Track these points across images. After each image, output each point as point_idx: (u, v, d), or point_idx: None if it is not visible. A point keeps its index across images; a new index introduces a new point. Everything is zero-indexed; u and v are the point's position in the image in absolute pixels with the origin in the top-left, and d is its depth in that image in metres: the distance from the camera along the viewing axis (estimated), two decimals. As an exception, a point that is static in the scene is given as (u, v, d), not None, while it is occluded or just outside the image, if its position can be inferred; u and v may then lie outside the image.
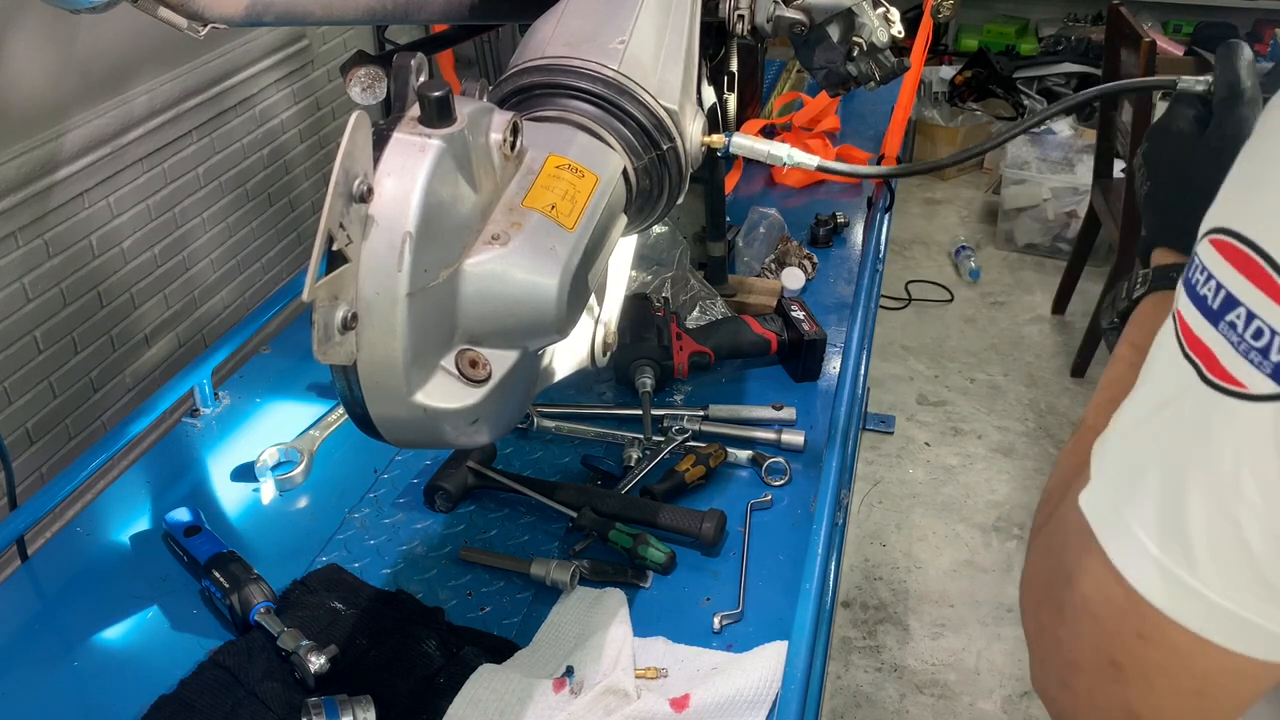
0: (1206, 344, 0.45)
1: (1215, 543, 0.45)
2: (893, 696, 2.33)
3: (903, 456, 3.04)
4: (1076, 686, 0.54)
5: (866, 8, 1.17)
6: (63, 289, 2.00)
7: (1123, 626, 0.49)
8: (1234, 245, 0.44)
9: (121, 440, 1.29)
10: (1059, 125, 4.02)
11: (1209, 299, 0.45)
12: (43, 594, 1.17)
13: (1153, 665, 0.49)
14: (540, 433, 1.38)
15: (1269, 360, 0.42)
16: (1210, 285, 0.45)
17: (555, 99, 0.90)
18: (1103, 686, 0.52)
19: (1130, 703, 0.51)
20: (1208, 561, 0.46)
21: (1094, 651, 0.52)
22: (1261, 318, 0.42)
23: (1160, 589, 0.47)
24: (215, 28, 1.10)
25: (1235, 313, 0.43)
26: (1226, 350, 0.44)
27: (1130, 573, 0.48)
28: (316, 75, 2.78)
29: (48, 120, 1.92)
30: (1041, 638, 0.57)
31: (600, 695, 0.98)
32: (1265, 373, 0.42)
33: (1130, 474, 0.49)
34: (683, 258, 1.59)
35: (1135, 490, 0.48)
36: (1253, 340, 0.43)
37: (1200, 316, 0.45)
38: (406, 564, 1.19)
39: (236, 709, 0.99)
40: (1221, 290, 0.44)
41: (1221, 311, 0.44)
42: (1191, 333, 0.46)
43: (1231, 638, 0.47)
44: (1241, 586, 0.45)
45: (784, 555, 1.17)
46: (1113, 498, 0.49)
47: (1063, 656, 0.54)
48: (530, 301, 0.72)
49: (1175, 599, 0.47)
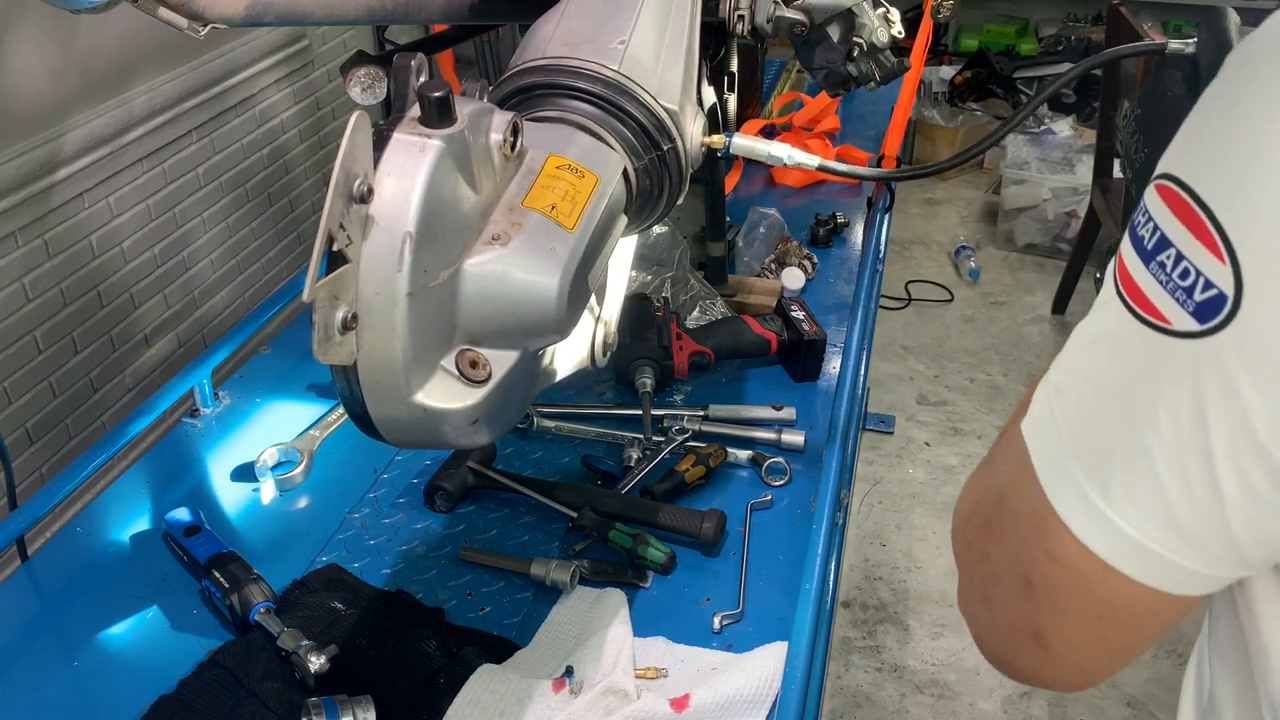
0: (1138, 282, 0.47)
1: (1128, 472, 0.47)
2: (893, 696, 2.33)
3: (903, 456, 3.04)
4: (995, 602, 0.56)
5: (866, 8, 1.17)
6: (63, 289, 2.00)
7: (1037, 545, 0.52)
8: (1173, 189, 0.45)
9: (121, 440, 1.29)
10: (1059, 125, 4.02)
11: (1145, 239, 0.47)
12: (43, 594, 1.17)
13: (1059, 586, 0.51)
14: (540, 433, 1.38)
15: (1193, 299, 0.44)
16: (1148, 227, 0.47)
17: (555, 99, 0.90)
18: (1016, 603, 0.54)
19: (1038, 622, 0.54)
20: (1120, 490, 0.48)
21: (1012, 567, 0.54)
22: (1189, 259, 0.44)
23: (1076, 512, 0.49)
24: (215, 28, 1.10)
25: (1166, 253, 0.45)
26: (1155, 288, 0.46)
27: (1050, 490, 0.50)
28: (316, 75, 2.78)
29: (48, 120, 1.92)
30: (968, 553, 0.59)
31: (600, 695, 0.98)
32: (1188, 311, 0.44)
33: (1063, 402, 0.51)
34: (683, 258, 1.59)
35: (1066, 416, 0.50)
36: (1179, 280, 0.45)
37: (1135, 256, 0.47)
38: (406, 564, 1.19)
39: (236, 709, 0.99)
40: (1157, 232, 0.46)
41: (1154, 251, 0.46)
42: (1126, 270, 0.48)
43: (1136, 568, 0.48)
44: (1148, 518, 0.47)
45: (784, 555, 1.17)
46: (1046, 421, 0.51)
47: (987, 570, 0.57)
48: (530, 302, 0.72)
49: (1088, 523, 0.49)
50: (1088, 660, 0.55)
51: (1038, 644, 0.54)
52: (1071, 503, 0.50)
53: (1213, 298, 0.43)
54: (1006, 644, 0.57)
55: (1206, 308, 0.43)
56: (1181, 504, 0.46)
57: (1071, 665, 0.55)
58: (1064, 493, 0.50)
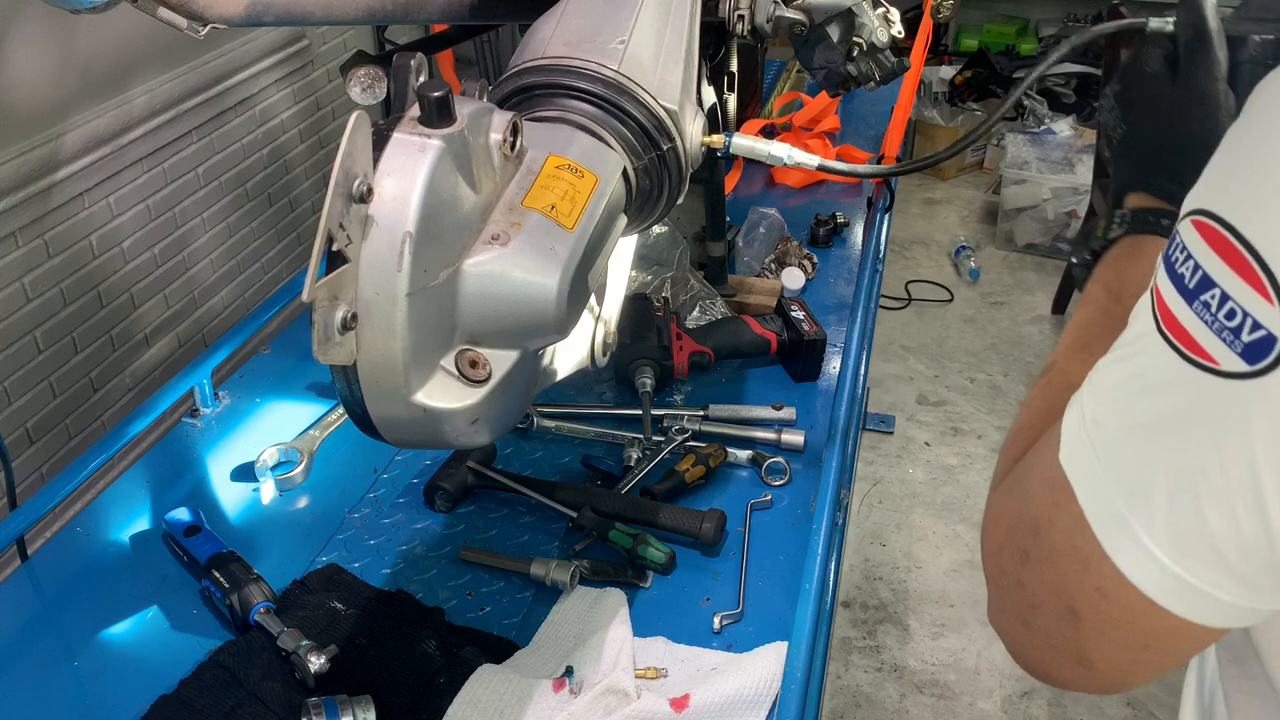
0: (1181, 321, 0.46)
1: (1174, 511, 0.47)
2: (893, 696, 2.33)
3: (903, 456, 3.04)
4: (1035, 626, 0.57)
5: (866, 8, 1.16)
6: (63, 289, 2.00)
7: (1085, 580, 0.52)
8: (1214, 228, 0.45)
9: (121, 440, 1.30)
10: (1059, 125, 4.02)
11: (1186, 278, 0.46)
12: (43, 594, 1.17)
13: (1107, 618, 0.52)
14: (540, 433, 1.38)
15: (1240, 340, 0.43)
16: (1188, 265, 0.46)
17: (555, 99, 0.90)
18: (1060, 630, 0.55)
19: (1083, 648, 0.54)
20: (1166, 528, 0.47)
21: (1055, 598, 0.54)
22: (1235, 300, 0.44)
23: (1124, 550, 0.49)
24: (215, 28, 1.10)
25: (1210, 293, 0.45)
26: (1200, 328, 0.45)
27: (1100, 532, 0.50)
28: (316, 75, 2.78)
29: (48, 120, 1.92)
30: (1003, 579, 0.59)
31: (600, 695, 0.98)
32: (1236, 352, 0.43)
33: (1104, 437, 0.50)
34: (683, 258, 1.59)
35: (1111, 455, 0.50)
36: (1225, 320, 0.44)
37: (1176, 294, 0.47)
38: (406, 564, 1.19)
39: (236, 709, 0.99)
40: (1199, 271, 0.45)
41: (1197, 291, 0.45)
42: (1167, 309, 0.47)
43: (1182, 605, 0.49)
44: (1193, 555, 0.47)
45: (784, 555, 1.17)
46: (1090, 458, 0.51)
47: (1024, 599, 0.57)
48: (530, 301, 0.72)
49: (1133, 562, 0.49)
50: (1128, 677, 0.56)
51: (1083, 665, 0.55)
52: (1120, 541, 0.49)
53: (1261, 339, 0.43)
54: (1047, 661, 0.58)
55: (1255, 349, 0.43)
56: (1229, 543, 0.46)
57: (1113, 681, 0.56)
58: (1113, 531, 0.50)
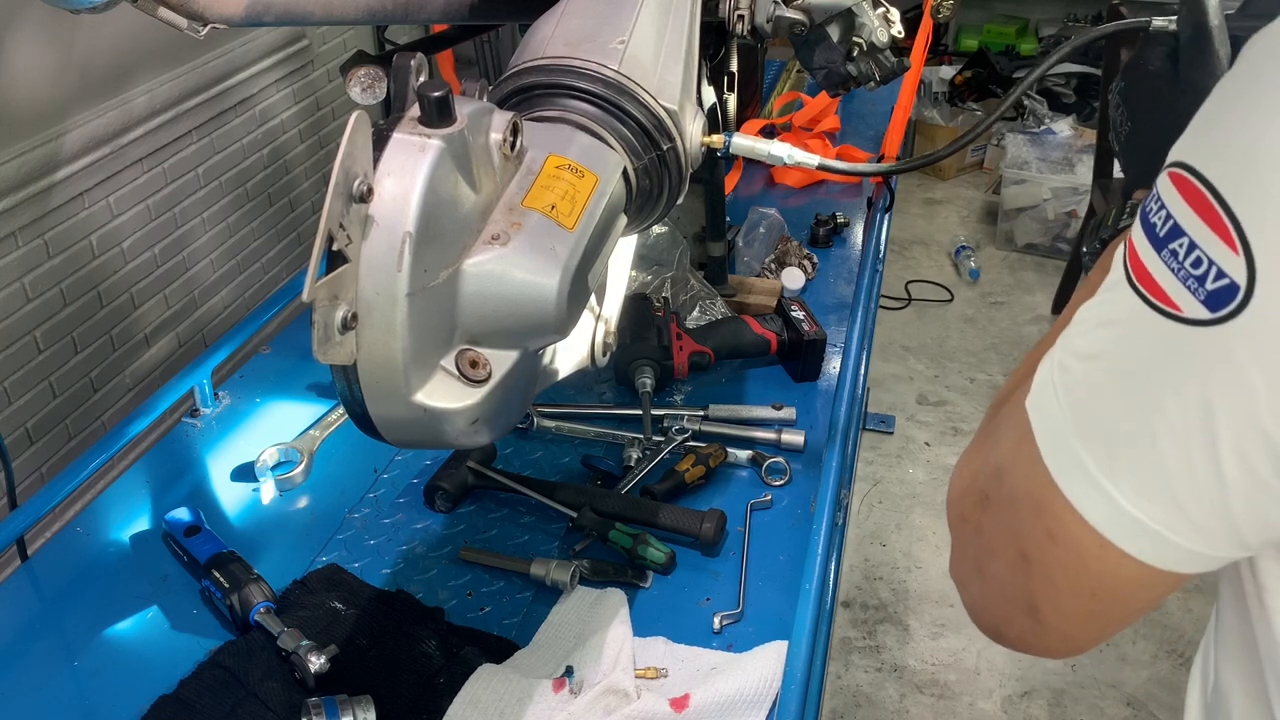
0: (1149, 268, 0.47)
1: (1133, 453, 0.48)
2: (893, 696, 2.33)
3: (903, 456, 3.04)
4: (989, 574, 0.58)
5: (866, 8, 1.16)
6: (63, 289, 2.00)
7: (1037, 522, 0.53)
8: (1187, 178, 0.46)
9: (121, 440, 1.30)
10: (1059, 125, 4.02)
11: (1157, 227, 0.47)
12: (43, 594, 1.17)
13: (1056, 562, 0.53)
14: (540, 433, 1.38)
15: (1204, 288, 0.44)
16: (1161, 214, 0.47)
17: (555, 99, 0.90)
18: (1012, 577, 0.56)
19: (1033, 596, 0.55)
20: (1125, 470, 0.48)
21: (1009, 542, 0.55)
22: (1202, 247, 0.44)
23: (1079, 489, 0.50)
24: (215, 28, 1.10)
25: (1179, 241, 0.46)
26: (1167, 275, 0.46)
27: (1055, 469, 0.51)
28: (316, 75, 2.78)
29: (48, 120, 1.92)
30: (963, 526, 0.61)
31: (600, 695, 0.98)
32: (1199, 299, 0.44)
33: (1069, 381, 0.51)
34: (683, 258, 1.59)
35: (1073, 397, 0.51)
36: (1191, 268, 0.45)
37: (1147, 242, 0.48)
38: (406, 564, 1.19)
39: (236, 709, 0.99)
40: (1170, 219, 0.46)
41: (1167, 239, 0.46)
42: (1138, 256, 0.48)
43: (1136, 545, 0.49)
44: (1151, 498, 0.48)
45: (784, 555, 1.17)
46: (1051, 400, 0.52)
47: (981, 544, 0.58)
48: (530, 301, 0.72)
49: (1091, 500, 0.50)
50: (1077, 632, 0.56)
51: (1031, 616, 0.56)
52: (1075, 480, 0.50)
53: (1224, 287, 0.43)
54: (999, 614, 0.59)
55: (1218, 297, 0.44)
56: (1184, 486, 0.47)
57: (1061, 636, 0.57)
58: (1068, 470, 0.51)
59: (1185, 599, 2.51)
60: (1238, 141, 0.44)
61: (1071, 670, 2.37)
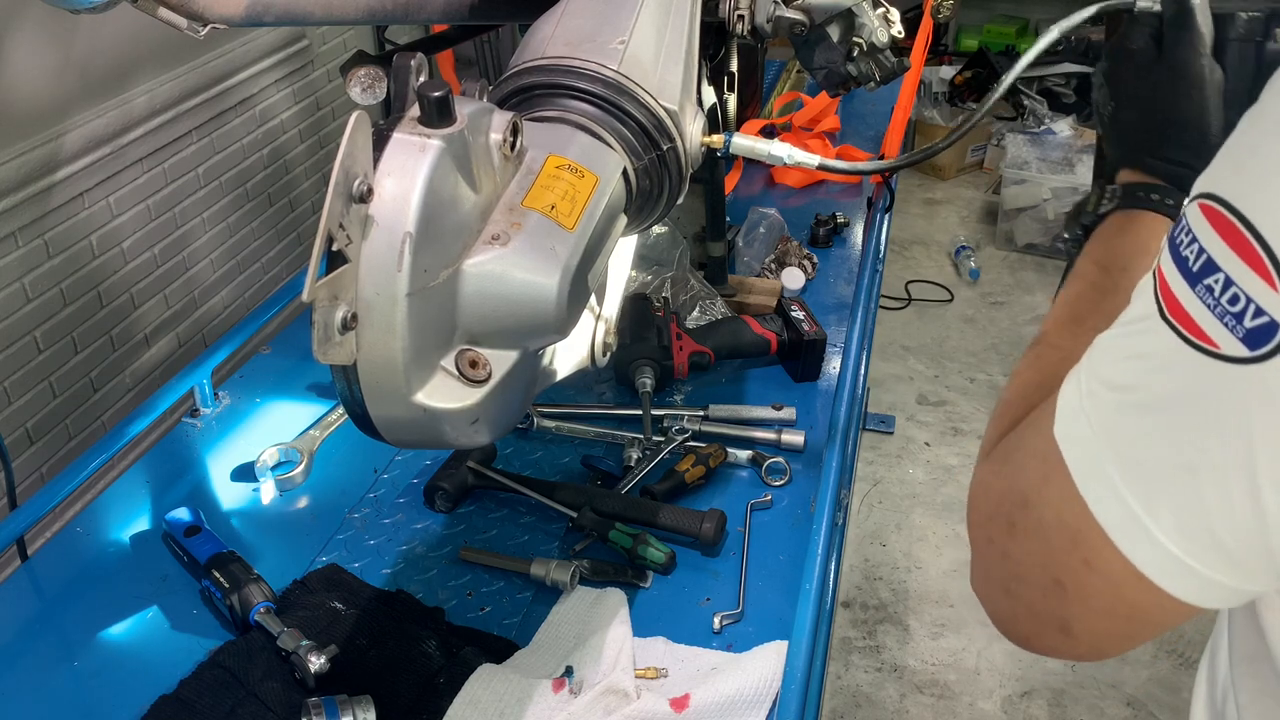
0: (1183, 304, 0.46)
1: (1172, 490, 0.47)
2: (893, 696, 2.33)
3: (903, 456, 3.04)
4: (1019, 596, 0.58)
5: (866, 8, 1.16)
6: (63, 289, 2.00)
7: (1073, 553, 0.53)
8: (1220, 212, 0.45)
9: (121, 440, 1.30)
10: (1059, 125, 4.02)
11: (1190, 261, 0.46)
12: (43, 594, 1.17)
13: (1093, 590, 0.53)
14: (540, 433, 1.38)
15: (1242, 325, 0.44)
16: (1193, 248, 0.46)
17: (555, 99, 0.90)
18: (1044, 601, 0.56)
19: (1066, 618, 0.55)
20: (1163, 506, 0.48)
21: (1041, 569, 0.55)
22: (1239, 285, 0.44)
23: (1117, 524, 0.50)
24: (215, 28, 1.10)
25: (1214, 277, 0.45)
26: (1202, 312, 0.45)
27: (1095, 505, 0.51)
28: (316, 75, 2.78)
29: (48, 120, 1.92)
30: (989, 549, 0.60)
31: (600, 695, 0.98)
32: (1238, 337, 0.44)
33: (1103, 416, 0.51)
34: (683, 258, 1.59)
35: (1108, 432, 0.50)
36: (1229, 305, 0.44)
37: (1180, 277, 0.47)
38: (406, 564, 1.19)
39: (236, 709, 0.99)
40: (1204, 254, 0.45)
41: (1201, 274, 0.45)
42: (1170, 291, 0.47)
43: (1171, 580, 0.49)
44: (1190, 535, 0.47)
45: (784, 555, 1.17)
46: (1084, 430, 0.52)
47: (1009, 569, 0.58)
48: (530, 301, 0.72)
49: (1127, 536, 0.50)
50: (1108, 646, 0.57)
51: (1064, 634, 0.56)
52: (1113, 514, 0.50)
53: (1263, 325, 0.43)
54: (1029, 629, 0.59)
55: (1257, 335, 0.43)
56: (1223, 524, 0.46)
57: (1093, 649, 0.57)
58: (1106, 504, 0.50)
59: (1185, 599, 2.51)
60: (1271, 174, 0.43)
61: (1071, 670, 2.37)
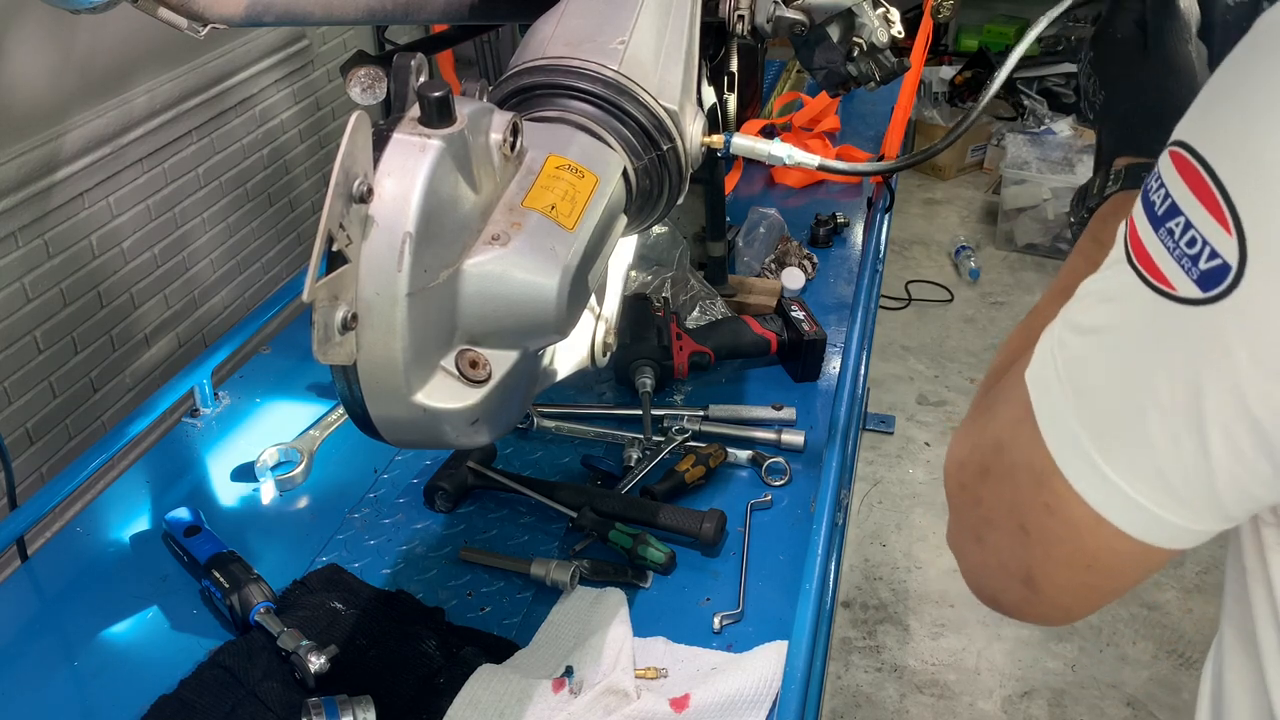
0: (1146, 246, 0.48)
1: (1126, 431, 0.49)
2: (893, 696, 2.33)
3: (903, 456, 3.04)
4: (988, 543, 0.59)
5: (866, 8, 1.16)
6: (63, 289, 2.00)
7: (1036, 496, 0.54)
8: (1186, 158, 0.46)
9: (121, 440, 1.30)
10: (1059, 125, 4.02)
11: (1156, 205, 0.48)
12: (43, 594, 1.17)
13: (1053, 536, 0.54)
14: (540, 433, 1.38)
15: (1197, 267, 0.45)
16: (1160, 193, 0.47)
17: (555, 99, 0.90)
18: (1010, 548, 0.57)
19: (1030, 567, 0.56)
20: (1118, 448, 0.49)
21: (1008, 514, 0.57)
22: (1197, 228, 0.45)
23: (1076, 467, 0.51)
24: (215, 28, 1.10)
25: (1175, 220, 0.46)
26: (1162, 254, 0.47)
27: (1053, 446, 0.52)
28: (316, 75, 2.78)
29: (48, 120, 1.92)
30: (962, 495, 0.62)
31: (600, 695, 0.98)
32: (1192, 278, 0.45)
33: (1068, 357, 0.52)
34: (683, 258, 1.59)
35: (1070, 373, 0.52)
36: (1186, 247, 0.45)
37: (1146, 220, 0.48)
38: (406, 564, 1.19)
39: (236, 709, 0.99)
40: (1169, 199, 0.47)
41: (1164, 218, 0.47)
42: (1137, 234, 0.48)
43: (1128, 522, 0.50)
44: (1142, 476, 0.49)
45: (784, 555, 1.17)
46: (1051, 377, 0.53)
47: (980, 514, 0.60)
48: (530, 301, 0.72)
49: (1086, 478, 0.51)
50: (1071, 602, 0.58)
51: (1028, 586, 0.57)
52: (1072, 456, 0.51)
53: (1217, 267, 0.44)
54: (996, 582, 0.60)
55: (1210, 277, 0.44)
56: (1172, 465, 0.48)
57: (1056, 605, 0.58)
58: (1065, 446, 0.52)
59: (1185, 599, 2.51)
60: (1236, 121, 0.44)
61: (1071, 670, 2.37)
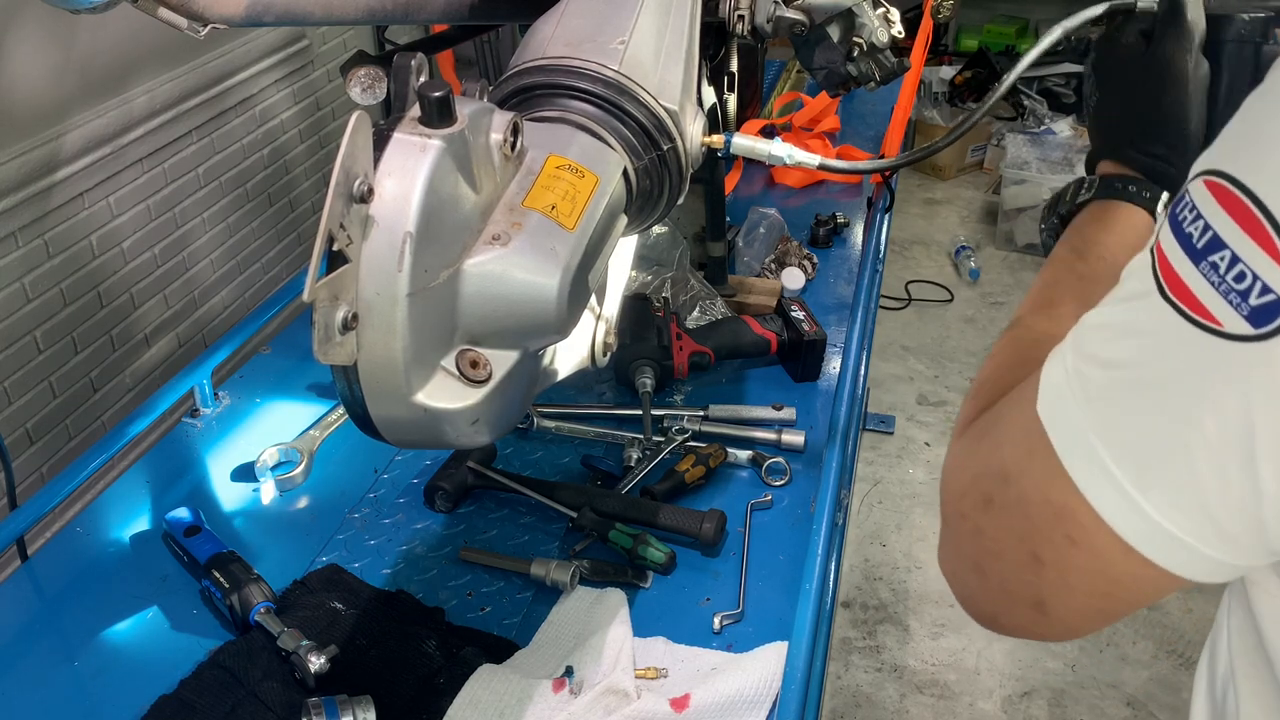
0: (1185, 281, 0.46)
1: (1166, 466, 0.47)
2: (893, 696, 2.33)
3: (903, 456, 3.04)
4: (990, 573, 0.58)
5: (866, 8, 1.16)
6: (63, 289, 2.00)
7: (1055, 528, 0.53)
8: (1227, 188, 0.44)
9: (121, 440, 1.30)
10: (1059, 125, 4.02)
11: (1194, 238, 0.46)
12: (43, 594, 1.17)
13: (1073, 566, 0.53)
14: (540, 433, 1.38)
15: (1247, 303, 0.43)
16: (1197, 225, 0.46)
17: (556, 99, 0.90)
18: (1019, 576, 0.56)
19: (1041, 594, 0.55)
20: (1156, 482, 0.48)
21: (1018, 545, 0.55)
22: (1245, 262, 0.43)
23: (1107, 500, 0.50)
24: (215, 28, 1.10)
25: (1219, 254, 0.44)
26: (1205, 289, 0.45)
27: (1080, 480, 0.51)
28: (316, 75, 2.78)
29: (48, 120, 1.92)
30: (961, 524, 0.60)
31: (600, 695, 0.98)
32: (1242, 314, 0.43)
33: (1089, 391, 0.50)
34: (683, 258, 1.59)
35: (1097, 408, 0.50)
36: (1234, 282, 0.44)
37: (1182, 253, 0.46)
38: (406, 564, 1.19)
39: (236, 709, 0.99)
40: (1209, 231, 0.45)
41: (1205, 251, 0.45)
42: (1171, 268, 0.47)
43: (1162, 554, 0.49)
44: (1183, 510, 0.47)
45: (784, 555, 1.17)
46: (1070, 408, 0.51)
47: (982, 545, 0.58)
48: (530, 301, 0.72)
49: (1116, 511, 0.49)
50: (1080, 623, 0.57)
51: (1038, 610, 0.56)
52: (1102, 490, 0.50)
53: (1270, 303, 0.42)
54: (998, 607, 0.60)
55: (1263, 313, 0.43)
56: (1218, 500, 0.46)
57: (1065, 628, 0.57)
58: (1094, 480, 0.50)
59: (1185, 599, 2.51)
60: None
61: (1071, 670, 2.37)
